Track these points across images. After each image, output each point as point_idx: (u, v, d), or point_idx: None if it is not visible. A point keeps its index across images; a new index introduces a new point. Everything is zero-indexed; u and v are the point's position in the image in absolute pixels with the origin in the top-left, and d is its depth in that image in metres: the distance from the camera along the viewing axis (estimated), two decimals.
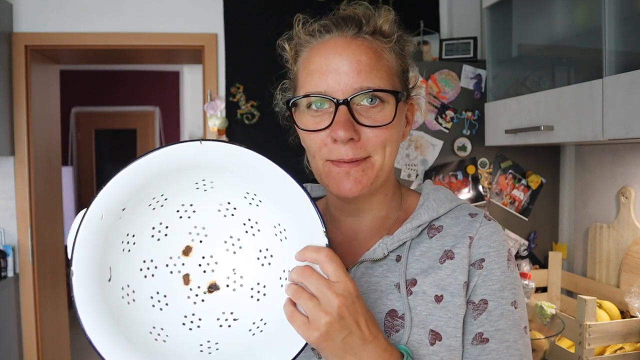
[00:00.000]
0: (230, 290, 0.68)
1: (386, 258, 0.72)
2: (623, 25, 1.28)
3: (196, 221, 0.69)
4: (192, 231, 0.69)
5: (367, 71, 0.66)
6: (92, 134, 6.08)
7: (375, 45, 0.68)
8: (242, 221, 0.70)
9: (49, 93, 2.99)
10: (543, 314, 1.54)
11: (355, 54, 0.66)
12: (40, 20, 2.59)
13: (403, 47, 0.73)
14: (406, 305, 0.68)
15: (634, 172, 1.68)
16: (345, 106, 0.65)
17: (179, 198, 0.68)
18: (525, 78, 1.78)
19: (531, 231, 2.05)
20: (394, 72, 0.70)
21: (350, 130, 0.65)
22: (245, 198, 0.69)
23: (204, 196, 0.69)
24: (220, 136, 2.68)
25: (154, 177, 0.63)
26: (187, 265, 0.68)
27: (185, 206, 0.68)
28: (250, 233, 0.70)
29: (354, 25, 0.68)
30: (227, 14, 2.69)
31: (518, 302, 0.70)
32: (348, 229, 0.78)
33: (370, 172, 0.69)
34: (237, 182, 0.68)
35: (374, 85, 0.66)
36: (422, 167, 2.03)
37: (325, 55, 0.67)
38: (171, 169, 0.64)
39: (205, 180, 0.67)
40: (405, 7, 2.72)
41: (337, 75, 0.66)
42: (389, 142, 0.68)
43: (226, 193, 0.69)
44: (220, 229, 0.70)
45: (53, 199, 3.02)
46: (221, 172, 0.66)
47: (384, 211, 0.77)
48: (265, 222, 0.69)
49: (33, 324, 2.63)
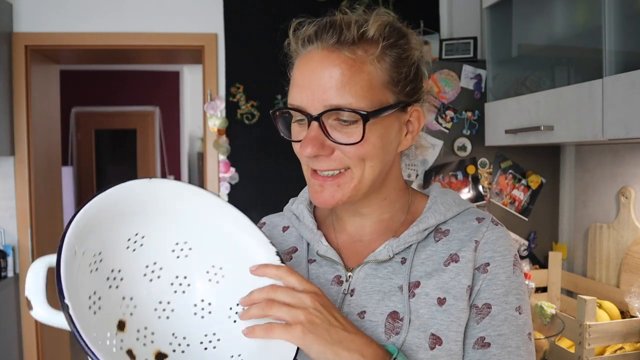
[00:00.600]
0: (180, 352, 0.65)
1: (391, 260, 0.72)
2: (623, 25, 1.28)
3: (124, 290, 0.65)
4: (121, 304, 0.64)
5: (338, 88, 0.64)
6: (92, 134, 6.08)
7: (356, 56, 0.65)
8: (169, 281, 0.68)
9: (49, 93, 2.99)
10: (543, 314, 1.54)
11: (328, 69, 0.65)
12: (40, 20, 2.59)
13: (401, 53, 0.69)
14: (406, 308, 0.68)
15: (634, 172, 1.68)
16: (317, 122, 0.66)
17: (110, 261, 0.64)
18: (525, 78, 1.78)
19: (531, 231, 2.06)
20: (377, 85, 0.66)
21: (317, 146, 0.65)
22: (174, 251, 0.68)
23: (132, 258, 0.66)
24: (220, 136, 2.68)
25: (98, 223, 0.60)
26: (125, 341, 0.62)
27: (115, 272, 0.64)
28: (180, 291, 0.69)
29: (334, 33, 0.66)
30: (227, 14, 2.69)
31: (523, 307, 0.70)
32: (353, 230, 0.78)
33: (347, 186, 0.69)
34: (169, 228, 0.67)
35: (344, 103, 0.64)
36: (422, 167, 2.03)
37: (302, 70, 0.68)
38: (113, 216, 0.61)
39: (137, 236, 0.66)
40: (405, 7, 2.73)
41: (310, 92, 0.66)
42: (367, 157, 0.67)
43: (154, 248, 0.67)
44: (148, 296, 0.66)
45: (53, 199, 3.02)
46: (154, 217, 0.66)
47: (388, 213, 0.77)
48: (195, 273, 0.69)
49: (33, 324, 2.63)
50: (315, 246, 0.76)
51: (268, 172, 2.72)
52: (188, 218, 0.68)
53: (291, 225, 0.83)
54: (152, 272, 0.67)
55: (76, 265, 0.56)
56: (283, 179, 2.61)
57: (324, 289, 0.72)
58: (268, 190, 2.73)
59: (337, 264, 0.74)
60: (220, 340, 0.66)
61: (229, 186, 2.73)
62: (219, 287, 0.69)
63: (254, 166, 2.74)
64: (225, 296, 0.68)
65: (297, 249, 0.80)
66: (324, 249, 0.75)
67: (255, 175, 2.75)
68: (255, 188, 2.75)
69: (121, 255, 0.65)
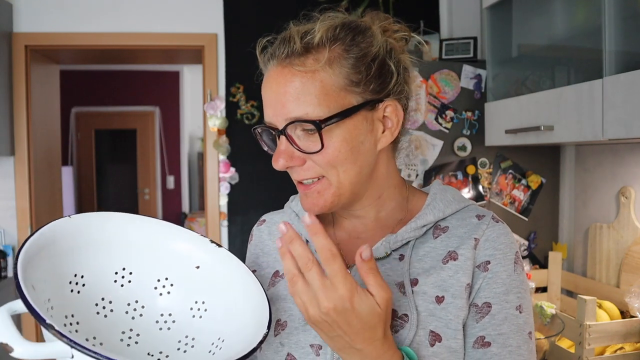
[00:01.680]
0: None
1: (389, 257, 0.72)
2: (623, 25, 1.28)
3: (85, 333, 0.63)
4: (91, 341, 0.63)
5: (293, 101, 0.66)
6: (92, 134, 6.08)
7: (306, 67, 0.66)
8: (123, 310, 0.68)
9: (49, 93, 2.99)
10: (543, 314, 1.54)
11: (282, 84, 0.66)
12: (40, 20, 2.59)
13: (357, 52, 0.67)
14: (412, 305, 0.68)
15: (634, 172, 1.68)
16: (283, 135, 0.67)
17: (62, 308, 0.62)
18: (525, 78, 1.78)
19: (531, 231, 2.06)
20: (333, 90, 0.66)
21: (287, 159, 0.68)
22: (116, 282, 0.69)
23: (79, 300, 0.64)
24: (220, 136, 2.68)
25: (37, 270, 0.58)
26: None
27: (69, 318, 0.63)
28: (138, 314, 0.69)
29: (284, 47, 0.68)
30: (227, 14, 2.69)
31: (523, 306, 0.69)
32: (351, 228, 0.78)
33: (327, 192, 0.69)
34: (105, 259, 0.68)
35: (301, 114, 0.65)
36: (422, 167, 2.03)
37: (265, 89, 0.70)
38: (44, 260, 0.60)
39: (77, 276, 0.65)
40: (405, 7, 2.73)
41: (272, 108, 0.68)
42: (336, 162, 0.67)
43: (97, 284, 0.67)
44: (109, 331, 0.66)
45: (53, 199, 3.02)
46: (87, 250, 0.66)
47: (384, 211, 0.77)
48: (144, 294, 0.70)
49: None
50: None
51: (268, 172, 2.71)
52: (119, 243, 0.69)
53: (290, 223, 0.83)
54: (103, 307, 0.67)
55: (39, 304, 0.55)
56: (283, 179, 2.60)
57: None
58: (268, 190, 2.73)
59: None
60: (195, 339, 0.68)
61: (229, 186, 2.73)
62: (171, 296, 0.70)
63: (254, 166, 2.74)
64: (182, 300, 0.70)
65: None
66: None
67: (255, 175, 2.75)
68: (255, 188, 2.75)
69: (68, 299, 0.63)
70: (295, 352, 0.70)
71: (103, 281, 0.68)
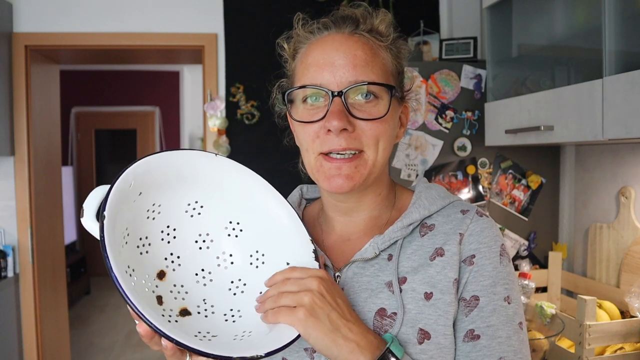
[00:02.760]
0: (202, 316, 0.69)
1: (378, 257, 0.73)
2: (623, 25, 1.28)
3: (174, 248, 0.71)
4: (168, 257, 0.70)
5: (362, 65, 0.67)
6: (92, 134, 6.08)
7: (372, 42, 0.70)
8: (216, 254, 0.73)
9: (49, 93, 2.99)
10: (543, 314, 1.54)
11: (351, 49, 0.68)
12: (40, 20, 2.59)
13: (399, 49, 0.74)
14: (400, 303, 0.68)
15: (634, 172, 1.68)
16: (340, 98, 0.67)
17: (168, 217, 0.70)
18: (525, 78, 1.78)
19: (531, 231, 2.06)
20: (389, 71, 0.72)
21: (344, 120, 0.67)
22: (226, 229, 0.73)
23: (190, 223, 0.72)
24: (220, 136, 2.68)
25: (161, 180, 0.66)
26: (160, 288, 0.68)
27: (170, 229, 0.71)
28: (223, 266, 0.73)
29: (351, 23, 0.71)
30: (227, 14, 2.69)
31: (512, 297, 0.69)
32: (342, 230, 0.79)
33: (363, 168, 0.70)
34: (226, 207, 0.72)
35: (369, 79, 0.67)
36: (422, 167, 2.03)
37: (322, 50, 0.69)
38: (175, 178, 0.67)
39: (197, 204, 0.71)
40: (405, 7, 2.73)
41: (333, 69, 0.68)
42: (382, 137, 0.69)
43: (211, 220, 0.72)
44: (194, 260, 0.72)
45: (53, 199, 3.02)
46: (214, 196, 0.71)
47: (377, 211, 0.78)
48: (240, 254, 0.73)
49: (33, 324, 2.63)
50: None
51: (268, 172, 2.70)
52: (245, 203, 0.73)
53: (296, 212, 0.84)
54: (203, 241, 0.73)
55: (130, 199, 0.63)
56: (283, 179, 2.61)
57: None
58: None
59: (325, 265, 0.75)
60: (242, 317, 0.69)
61: None
62: (258, 271, 0.72)
63: (254, 166, 2.71)
64: (261, 280, 0.71)
65: None
66: None
67: None
68: None
69: (179, 216, 0.71)
70: (290, 356, 0.70)
71: (218, 222, 0.73)
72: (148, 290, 0.66)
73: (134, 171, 0.63)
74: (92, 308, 5.16)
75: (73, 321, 4.58)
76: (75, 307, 5.14)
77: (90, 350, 4.05)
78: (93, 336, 4.37)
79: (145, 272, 0.67)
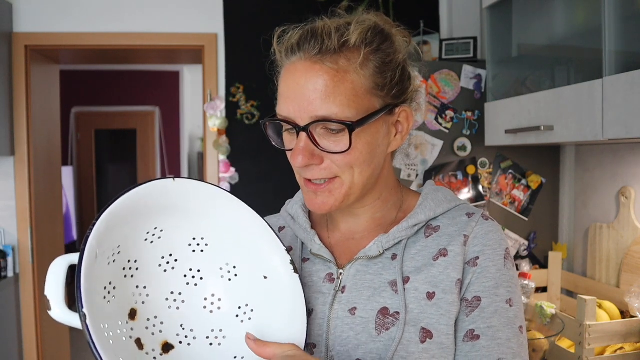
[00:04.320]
0: (185, 345, 0.67)
1: (382, 256, 0.73)
2: (623, 25, 1.28)
3: (138, 280, 0.67)
4: (134, 292, 0.67)
5: (322, 99, 0.64)
6: (92, 134, 6.08)
7: (338, 66, 0.65)
8: (182, 273, 0.70)
9: (49, 93, 2.99)
10: (543, 314, 1.54)
11: (312, 81, 0.65)
12: (40, 20, 2.59)
13: (385, 57, 0.68)
14: (403, 303, 0.68)
15: (634, 172, 1.68)
16: (305, 133, 0.66)
17: (126, 252, 0.66)
18: (525, 78, 1.78)
19: (531, 231, 2.06)
20: (362, 92, 0.66)
21: (307, 157, 0.66)
22: (190, 245, 0.71)
23: (149, 250, 0.68)
24: (220, 136, 2.68)
25: (122, 220, 0.62)
26: (135, 329, 0.65)
27: (131, 262, 0.67)
28: (192, 284, 0.71)
29: (316, 43, 0.66)
30: (227, 14, 2.69)
31: (514, 300, 0.70)
32: (346, 229, 0.79)
33: (338, 192, 0.70)
34: (188, 225, 0.69)
35: (329, 114, 0.65)
36: (422, 167, 2.03)
37: (287, 82, 0.68)
38: (134, 212, 0.64)
39: (157, 229, 0.68)
40: (405, 7, 2.73)
41: (296, 103, 0.66)
42: (355, 164, 0.68)
43: (171, 241, 0.70)
44: (160, 285, 0.69)
45: (53, 199, 3.02)
46: (175, 213, 0.68)
47: (381, 212, 0.78)
48: (209, 269, 0.71)
49: (33, 324, 2.63)
50: (309, 245, 0.78)
51: (268, 172, 2.72)
52: (208, 217, 0.70)
53: (287, 226, 0.85)
54: (167, 262, 0.70)
55: (96, 265, 0.59)
56: (283, 179, 2.61)
57: (316, 286, 0.74)
58: (268, 190, 2.73)
59: (329, 262, 0.75)
60: (226, 338, 0.68)
61: (229, 186, 2.73)
62: (230, 284, 0.71)
63: (254, 166, 2.74)
64: (236, 295, 0.70)
65: (292, 248, 0.81)
66: (317, 247, 0.76)
67: (255, 175, 2.75)
68: (255, 188, 2.75)
69: (139, 247, 0.67)
70: None
71: (179, 241, 0.70)
72: (125, 339, 0.63)
73: (93, 238, 0.57)
74: None
75: None
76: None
77: (90, 351, 4.05)
78: None
79: (118, 319, 0.63)
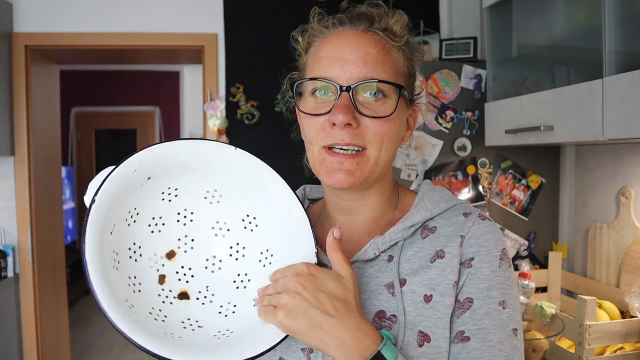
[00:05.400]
0: (199, 303, 0.70)
1: (378, 258, 0.72)
2: (623, 25, 1.28)
3: (189, 231, 0.72)
4: (181, 238, 0.72)
5: (373, 63, 0.68)
6: (92, 134, 6.08)
7: (385, 41, 0.70)
8: (229, 244, 0.73)
9: (49, 93, 2.99)
10: (543, 314, 1.54)
11: (364, 45, 0.69)
12: (40, 20, 2.59)
13: (412, 52, 0.74)
14: (400, 306, 0.67)
15: (634, 172, 1.68)
16: (348, 93, 0.67)
17: (185, 201, 0.71)
18: (525, 78, 1.78)
19: (531, 231, 2.06)
20: (400, 71, 0.71)
21: (349, 115, 0.66)
22: (244, 221, 0.73)
23: (208, 209, 0.72)
24: (220, 136, 2.68)
25: (179, 166, 0.66)
26: (166, 267, 0.70)
27: (187, 212, 0.72)
28: (234, 257, 0.73)
29: (366, 20, 0.71)
30: (227, 14, 2.69)
31: (508, 302, 0.68)
32: (343, 229, 0.77)
33: (365, 166, 0.69)
34: (244, 202, 0.72)
35: (379, 77, 0.67)
36: (422, 167, 2.03)
37: (335, 44, 0.70)
38: (194, 166, 0.67)
39: (216, 192, 0.71)
40: (405, 7, 2.72)
41: (344, 64, 0.68)
42: (387, 136, 0.69)
43: (229, 211, 0.72)
44: (207, 246, 0.73)
45: (53, 199, 3.02)
46: (234, 187, 0.71)
47: (379, 212, 0.77)
48: (253, 249, 0.73)
49: (33, 324, 2.63)
50: None
51: None
52: (262, 196, 0.72)
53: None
54: (220, 229, 0.73)
55: (136, 183, 0.64)
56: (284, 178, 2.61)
57: None
58: None
59: (326, 265, 0.74)
60: (235, 314, 0.70)
61: None
62: (264, 270, 0.72)
63: None
64: (262, 282, 0.70)
65: None
66: None
67: None
68: None
69: (198, 202, 0.72)
70: (287, 356, 0.70)
71: (235, 214, 0.73)
72: (152, 268, 0.68)
73: (138, 158, 0.63)
74: (92, 308, 5.16)
75: (73, 321, 4.58)
76: (75, 307, 5.14)
77: (90, 350, 4.05)
78: (93, 336, 4.38)
79: (153, 250, 0.69)
